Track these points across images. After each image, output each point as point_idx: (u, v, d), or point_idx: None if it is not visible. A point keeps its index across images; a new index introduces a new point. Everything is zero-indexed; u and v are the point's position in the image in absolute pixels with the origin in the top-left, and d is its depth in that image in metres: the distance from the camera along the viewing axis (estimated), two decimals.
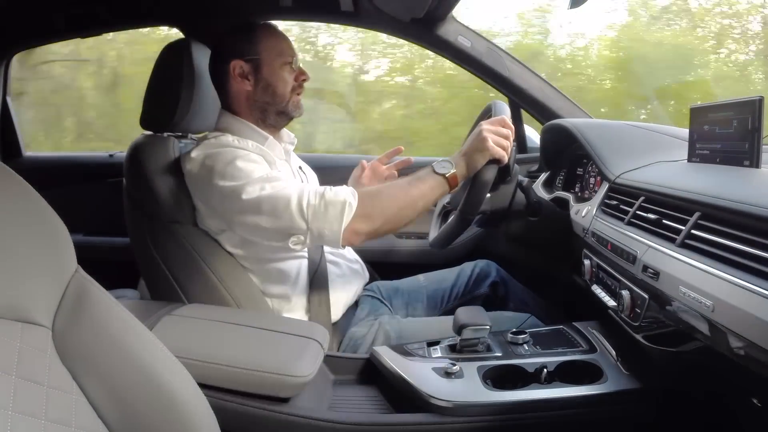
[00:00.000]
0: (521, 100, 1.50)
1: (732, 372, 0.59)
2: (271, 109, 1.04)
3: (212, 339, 0.83)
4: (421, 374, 0.84)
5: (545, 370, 0.83)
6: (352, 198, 0.89)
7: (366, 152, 3.03)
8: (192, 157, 0.95)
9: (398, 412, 0.82)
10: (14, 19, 1.52)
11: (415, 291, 1.23)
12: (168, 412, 0.50)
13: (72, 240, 0.53)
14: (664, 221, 0.72)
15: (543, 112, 1.49)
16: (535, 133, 1.62)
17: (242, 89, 1.03)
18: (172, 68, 1.01)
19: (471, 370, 0.85)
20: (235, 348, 0.81)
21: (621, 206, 0.87)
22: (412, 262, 1.46)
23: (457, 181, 0.94)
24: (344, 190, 0.90)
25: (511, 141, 0.95)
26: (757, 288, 0.50)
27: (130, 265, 1.09)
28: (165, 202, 0.96)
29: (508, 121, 0.96)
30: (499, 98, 1.39)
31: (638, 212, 0.80)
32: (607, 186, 0.95)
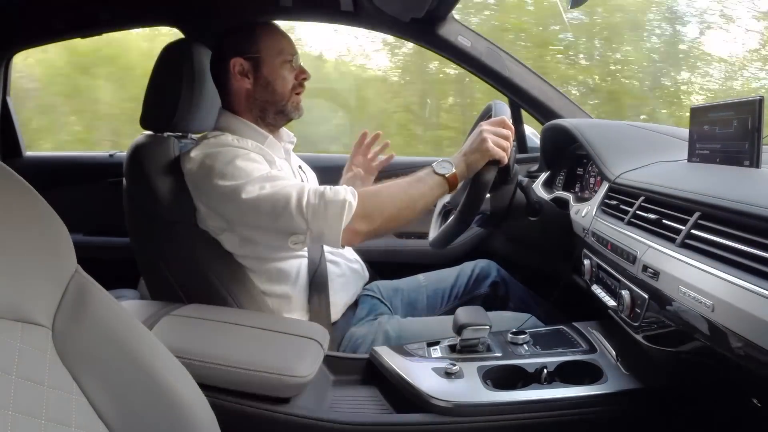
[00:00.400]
0: (521, 100, 1.50)
1: (732, 372, 0.59)
2: (270, 108, 1.04)
3: (212, 339, 0.83)
4: (421, 374, 0.84)
5: (545, 370, 0.83)
6: (352, 197, 0.88)
7: None
8: (192, 157, 0.95)
9: (398, 412, 0.82)
10: (14, 19, 1.52)
11: (415, 291, 1.23)
12: (168, 412, 0.50)
13: (72, 240, 0.53)
14: (664, 221, 0.72)
15: (543, 112, 1.49)
16: (535, 133, 1.62)
17: (242, 87, 1.03)
18: (172, 68, 1.01)
19: (471, 370, 0.85)
20: (235, 348, 0.81)
21: (621, 206, 0.87)
22: (412, 262, 1.46)
23: (457, 182, 0.94)
24: (344, 190, 0.90)
25: (511, 141, 0.96)
26: (757, 288, 0.50)
27: (130, 265, 1.09)
28: (165, 202, 0.96)
29: (508, 122, 0.96)
30: (499, 98, 1.39)
31: (638, 212, 0.80)
32: (607, 186, 0.95)
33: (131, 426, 0.48)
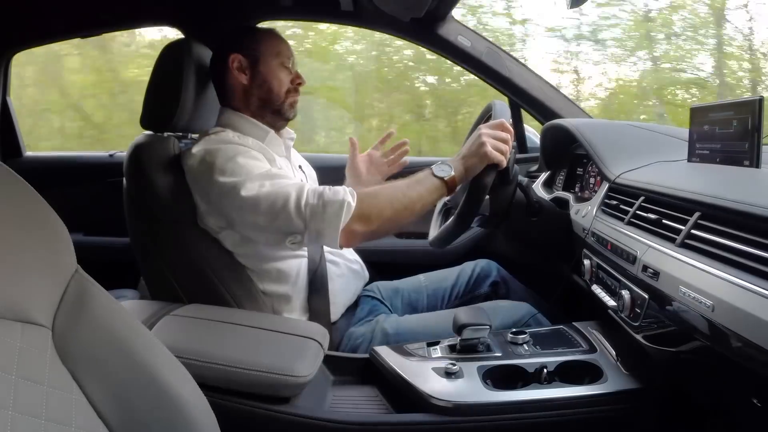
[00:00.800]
0: (521, 100, 1.50)
1: (732, 372, 0.59)
2: (267, 107, 1.05)
3: (212, 339, 0.83)
4: (421, 374, 0.84)
5: (545, 370, 0.83)
6: (351, 198, 0.88)
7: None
8: (192, 153, 0.95)
9: (398, 412, 0.82)
10: (14, 19, 1.52)
11: (415, 291, 1.23)
12: (168, 412, 0.50)
13: (72, 240, 0.53)
14: (664, 221, 0.72)
15: (543, 112, 1.49)
16: (535, 133, 1.62)
17: (239, 83, 1.04)
18: (172, 68, 1.01)
19: (471, 370, 0.85)
20: (235, 348, 0.81)
21: (621, 206, 0.87)
22: (412, 262, 1.46)
23: (456, 185, 0.94)
24: (343, 190, 0.90)
25: (510, 145, 0.95)
26: (757, 288, 0.50)
27: (130, 265, 1.09)
28: (165, 202, 0.96)
29: (507, 125, 0.96)
30: (499, 98, 1.39)
31: (638, 212, 0.80)
32: (607, 186, 0.95)
33: (131, 426, 0.48)
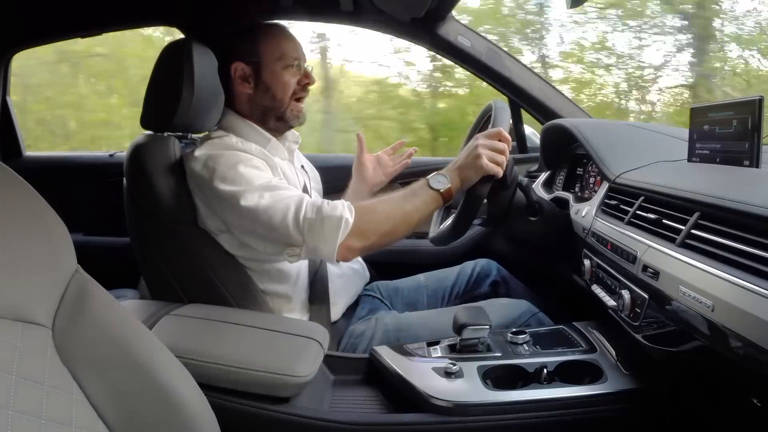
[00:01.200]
0: (521, 100, 1.50)
1: (732, 372, 0.59)
2: (270, 114, 1.04)
3: (212, 339, 0.83)
4: (421, 374, 0.84)
5: (545, 370, 0.83)
6: (348, 214, 0.88)
7: None
8: (195, 156, 0.95)
9: (398, 412, 0.82)
10: (14, 19, 1.52)
11: (415, 290, 1.23)
12: (168, 412, 0.50)
13: (72, 240, 0.53)
14: (664, 221, 0.72)
15: (543, 112, 1.49)
16: (535, 133, 1.62)
17: (243, 92, 1.03)
18: (172, 68, 1.01)
19: (471, 370, 0.85)
20: (235, 348, 0.81)
21: (621, 206, 0.87)
22: (412, 262, 1.46)
23: (452, 196, 0.94)
24: (342, 205, 0.89)
25: (507, 154, 0.94)
26: (757, 288, 0.50)
27: (130, 265, 1.09)
28: (165, 202, 0.96)
29: (504, 133, 0.95)
30: (499, 98, 1.39)
31: (638, 212, 0.80)
32: (607, 186, 0.95)
33: (131, 426, 0.48)
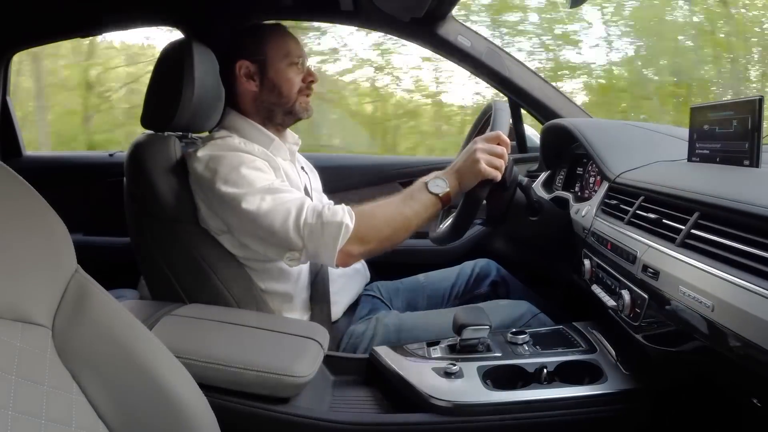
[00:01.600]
0: (521, 100, 1.50)
1: (732, 372, 0.59)
2: (278, 110, 1.05)
3: (212, 339, 0.83)
4: (421, 374, 0.84)
5: (545, 370, 0.83)
6: (349, 220, 0.88)
7: None
8: (198, 157, 0.95)
9: (398, 412, 0.82)
10: (14, 19, 1.52)
11: (415, 290, 1.23)
12: (168, 412, 0.50)
13: (72, 240, 0.53)
14: (664, 221, 0.72)
15: (543, 112, 1.49)
16: (535, 133, 1.62)
17: (248, 90, 1.03)
18: (173, 67, 1.01)
19: (471, 370, 0.85)
20: (235, 348, 0.81)
21: (621, 206, 0.87)
22: (412, 262, 1.46)
23: (450, 200, 0.94)
24: (342, 211, 0.89)
25: (506, 158, 0.94)
26: (757, 288, 0.50)
27: (130, 265, 1.09)
28: (166, 201, 0.96)
29: (503, 137, 0.94)
30: (498, 98, 1.39)
31: (638, 212, 0.80)
32: (607, 185, 0.95)
33: (131, 426, 0.48)
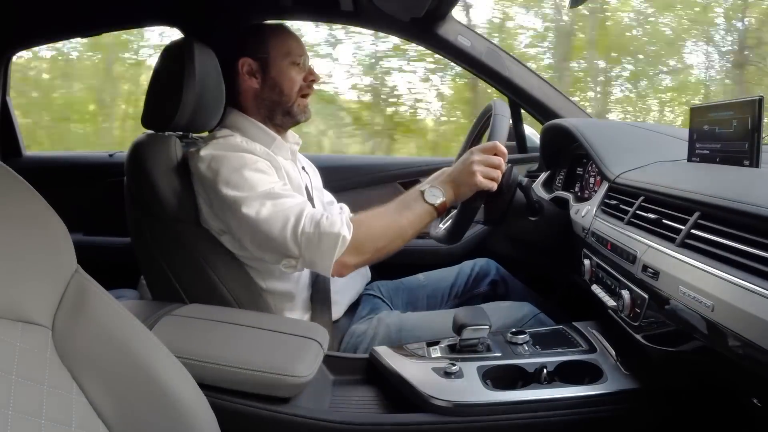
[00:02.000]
0: (521, 100, 1.50)
1: (732, 372, 0.59)
2: (278, 109, 1.05)
3: (212, 339, 0.83)
4: (420, 374, 0.84)
5: (545, 370, 0.83)
6: (346, 232, 0.88)
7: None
8: (201, 155, 0.95)
9: (398, 412, 0.82)
10: (14, 19, 1.52)
11: (415, 290, 1.24)
12: (168, 412, 0.50)
13: (72, 240, 0.53)
14: (664, 221, 0.72)
15: (543, 112, 1.49)
16: (535, 133, 1.62)
17: (250, 87, 1.04)
18: (173, 67, 1.01)
19: (471, 370, 0.85)
20: (235, 348, 0.81)
21: (621, 206, 0.87)
22: (412, 262, 1.46)
23: (446, 209, 0.94)
24: (340, 221, 0.89)
25: (503, 168, 0.94)
26: (757, 288, 0.50)
27: (130, 265, 1.09)
28: (166, 201, 0.96)
29: (500, 147, 0.94)
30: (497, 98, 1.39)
31: (638, 212, 0.80)
32: (607, 186, 0.95)
33: (131, 426, 0.48)
